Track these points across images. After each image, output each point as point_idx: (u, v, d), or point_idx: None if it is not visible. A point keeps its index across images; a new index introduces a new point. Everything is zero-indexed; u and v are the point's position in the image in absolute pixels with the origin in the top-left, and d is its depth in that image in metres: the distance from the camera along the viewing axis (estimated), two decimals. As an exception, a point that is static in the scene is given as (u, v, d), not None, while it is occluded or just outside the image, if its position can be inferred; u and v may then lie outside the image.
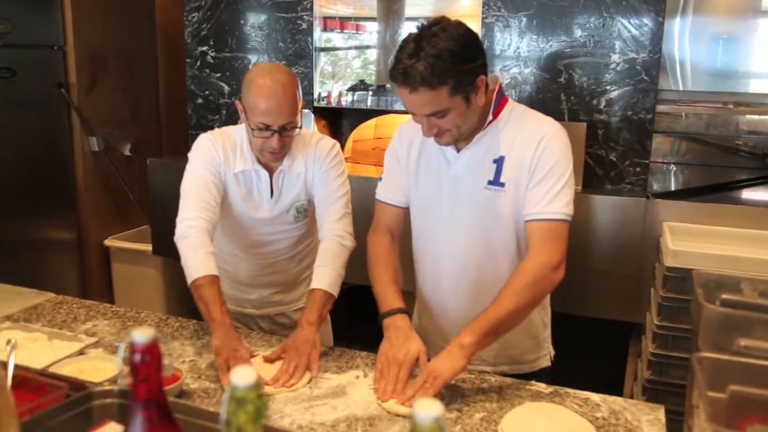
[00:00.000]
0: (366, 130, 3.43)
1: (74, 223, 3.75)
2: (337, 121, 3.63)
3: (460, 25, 1.51)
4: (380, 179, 1.83)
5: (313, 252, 2.06)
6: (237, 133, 1.88)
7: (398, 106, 3.29)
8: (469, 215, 1.65)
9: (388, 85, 3.31)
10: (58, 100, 3.60)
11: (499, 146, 1.61)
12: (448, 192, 1.67)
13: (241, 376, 0.61)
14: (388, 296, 1.69)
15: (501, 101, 1.63)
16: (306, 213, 1.95)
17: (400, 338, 1.59)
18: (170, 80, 4.21)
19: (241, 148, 1.85)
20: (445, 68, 1.44)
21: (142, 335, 0.68)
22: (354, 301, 3.34)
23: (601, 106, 2.70)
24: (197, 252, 1.72)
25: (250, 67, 1.81)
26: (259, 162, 1.86)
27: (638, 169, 2.69)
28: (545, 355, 1.82)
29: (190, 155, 1.88)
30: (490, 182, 1.61)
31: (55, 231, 3.71)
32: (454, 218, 1.67)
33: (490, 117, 1.61)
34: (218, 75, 3.42)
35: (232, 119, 3.40)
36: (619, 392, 2.63)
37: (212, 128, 1.98)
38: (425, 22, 1.51)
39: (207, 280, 1.69)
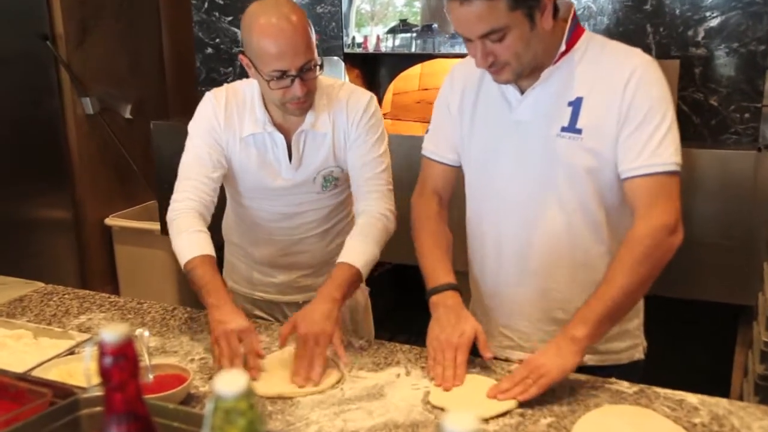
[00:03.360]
0: (409, 80, 3.38)
1: (69, 200, 3.83)
2: (374, 70, 3.58)
3: None
4: (427, 132, 1.82)
5: (349, 227, 2.05)
6: (248, 89, 1.87)
7: (446, 49, 3.23)
8: (536, 168, 1.61)
9: (435, 25, 3.24)
10: (43, 54, 3.64)
11: (576, 85, 1.56)
12: (511, 141, 1.63)
13: (228, 382, 0.58)
14: (437, 270, 1.69)
15: (576, 31, 1.58)
16: (337, 182, 1.94)
17: (452, 319, 1.60)
18: (175, 27, 4.22)
19: (252, 106, 1.85)
20: None
21: (112, 333, 0.66)
22: (399, 283, 3.33)
23: (699, 38, 2.59)
24: (183, 234, 1.77)
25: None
26: (273, 123, 1.84)
27: (747, 115, 2.59)
28: (637, 346, 1.77)
29: (190, 123, 1.91)
30: (563, 129, 1.57)
31: (47, 209, 3.78)
32: (519, 172, 1.64)
33: (563, 47, 1.56)
34: (230, 19, 3.41)
35: (245, 73, 3.38)
36: (725, 392, 2.57)
37: (225, 83, 1.97)
38: None
39: (196, 261, 1.72)
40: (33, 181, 3.68)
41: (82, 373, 1.52)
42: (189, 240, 1.76)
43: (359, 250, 1.79)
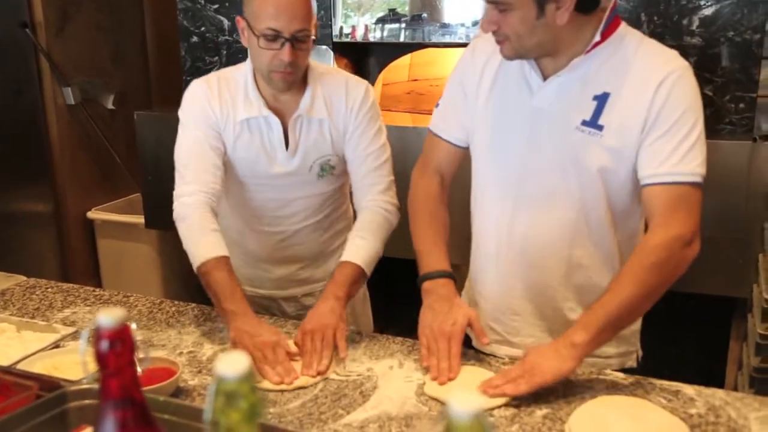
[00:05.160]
0: (398, 70, 3.38)
1: (49, 193, 3.80)
2: (363, 60, 3.59)
3: None
4: (437, 106, 1.80)
5: (345, 217, 2.08)
6: (240, 75, 1.89)
7: (437, 38, 3.23)
8: (547, 160, 1.60)
9: (425, 14, 3.25)
10: (22, 42, 3.61)
11: (604, 79, 1.54)
12: (525, 128, 1.61)
13: (230, 363, 0.58)
14: (431, 255, 1.69)
15: (612, 22, 1.55)
16: (333, 170, 1.95)
17: (444, 307, 1.60)
18: (158, 15, 4.20)
19: (246, 91, 1.86)
20: None
21: (109, 318, 0.67)
22: (389, 277, 3.34)
23: (693, 27, 2.60)
24: (198, 234, 1.77)
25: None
26: (269, 107, 1.85)
27: (742, 105, 2.61)
28: (631, 353, 1.77)
29: (180, 112, 1.91)
30: (584, 122, 1.55)
31: (27, 202, 3.77)
32: (528, 162, 1.62)
33: (598, 37, 1.53)
34: (216, 6, 3.40)
35: (234, 60, 3.37)
36: (719, 385, 2.59)
37: (211, 72, 1.98)
38: None
39: (212, 264, 1.72)
40: (12, 174, 3.65)
41: (78, 360, 1.53)
42: (203, 241, 1.76)
43: (361, 248, 1.82)
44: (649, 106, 1.50)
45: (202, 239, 1.76)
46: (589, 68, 1.55)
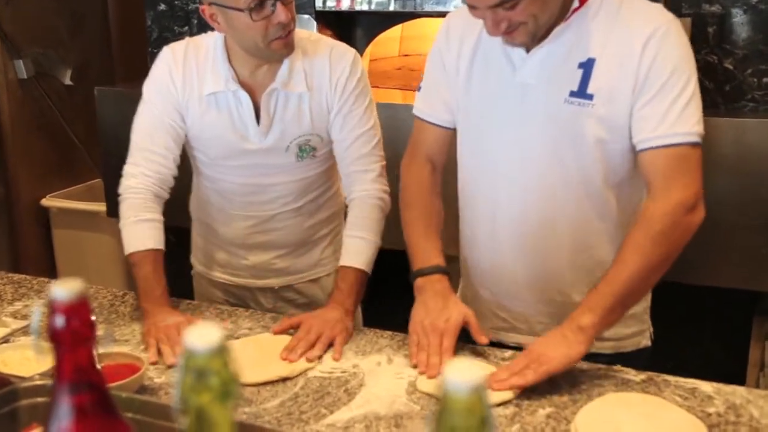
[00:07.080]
0: (388, 44, 3.37)
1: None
2: (349, 31, 3.57)
3: None
4: (418, 89, 1.82)
5: (331, 203, 2.08)
6: (211, 42, 1.88)
7: (430, 7, 3.23)
8: (539, 137, 1.62)
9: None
10: (-32, 10, 3.59)
11: (588, 45, 1.57)
12: (512, 105, 1.64)
13: (200, 335, 0.57)
14: (424, 249, 1.72)
15: None
16: (315, 152, 1.94)
17: (438, 303, 1.62)
18: (121, -20, 4.18)
19: (214, 62, 1.85)
20: None
21: (64, 289, 0.66)
22: (376, 271, 3.34)
23: (713, -7, 2.61)
24: (129, 221, 1.85)
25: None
26: (238, 80, 1.85)
27: (765, 79, 2.62)
28: (644, 332, 1.80)
29: (144, 84, 1.94)
30: (572, 93, 1.57)
31: (-25, 187, 3.73)
32: (519, 141, 1.64)
33: (576, 3, 1.56)
34: (184, -30, 3.38)
35: (205, 30, 3.36)
36: (739, 384, 2.60)
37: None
38: None
39: (138, 257, 1.81)
40: (-42, 155, 3.64)
41: (29, 355, 1.52)
42: (131, 231, 1.84)
43: (359, 248, 1.86)
44: (637, 67, 1.53)
45: (133, 228, 1.84)
46: (570, 35, 1.58)
